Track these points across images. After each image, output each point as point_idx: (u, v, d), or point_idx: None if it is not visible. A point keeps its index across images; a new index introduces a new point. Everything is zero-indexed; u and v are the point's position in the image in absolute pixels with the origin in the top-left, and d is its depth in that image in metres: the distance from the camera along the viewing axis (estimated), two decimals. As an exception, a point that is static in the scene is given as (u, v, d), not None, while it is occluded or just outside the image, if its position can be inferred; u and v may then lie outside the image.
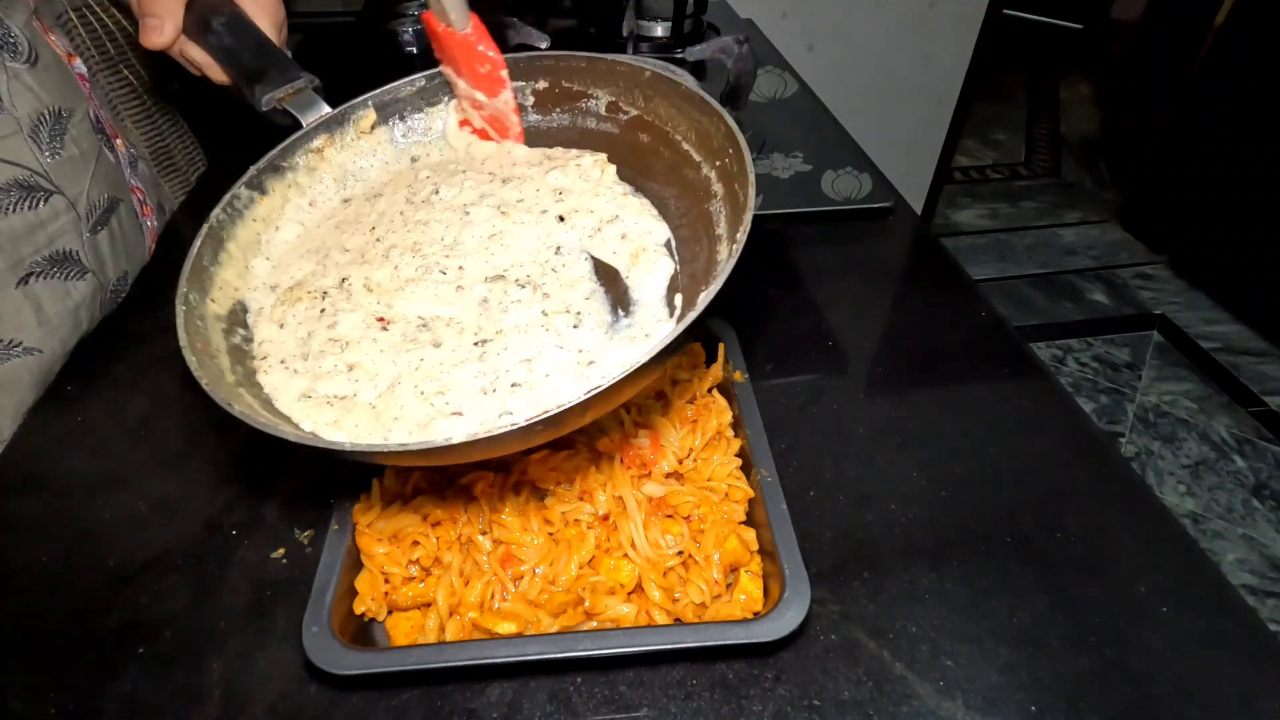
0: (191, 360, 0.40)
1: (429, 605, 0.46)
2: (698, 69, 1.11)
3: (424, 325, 0.47)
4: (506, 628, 0.44)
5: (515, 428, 0.35)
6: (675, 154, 0.55)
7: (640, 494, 0.50)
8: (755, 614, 0.45)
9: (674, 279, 0.51)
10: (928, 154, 2.12)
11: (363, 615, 0.46)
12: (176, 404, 0.63)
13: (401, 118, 0.60)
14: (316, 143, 0.56)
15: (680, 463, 0.52)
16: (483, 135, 0.60)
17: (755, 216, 0.43)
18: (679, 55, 1.05)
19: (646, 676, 0.45)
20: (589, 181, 0.56)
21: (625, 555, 0.48)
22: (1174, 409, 1.89)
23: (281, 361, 0.46)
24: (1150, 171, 2.44)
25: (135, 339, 0.69)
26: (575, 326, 0.47)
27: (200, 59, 0.54)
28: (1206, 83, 2.14)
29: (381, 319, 0.47)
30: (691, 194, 0.53)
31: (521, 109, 0.60)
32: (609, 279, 0.51)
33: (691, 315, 0.39)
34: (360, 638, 0.45)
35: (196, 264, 0.46)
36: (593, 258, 0.51)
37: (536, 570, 0.47)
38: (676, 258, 0.52)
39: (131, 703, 0.44)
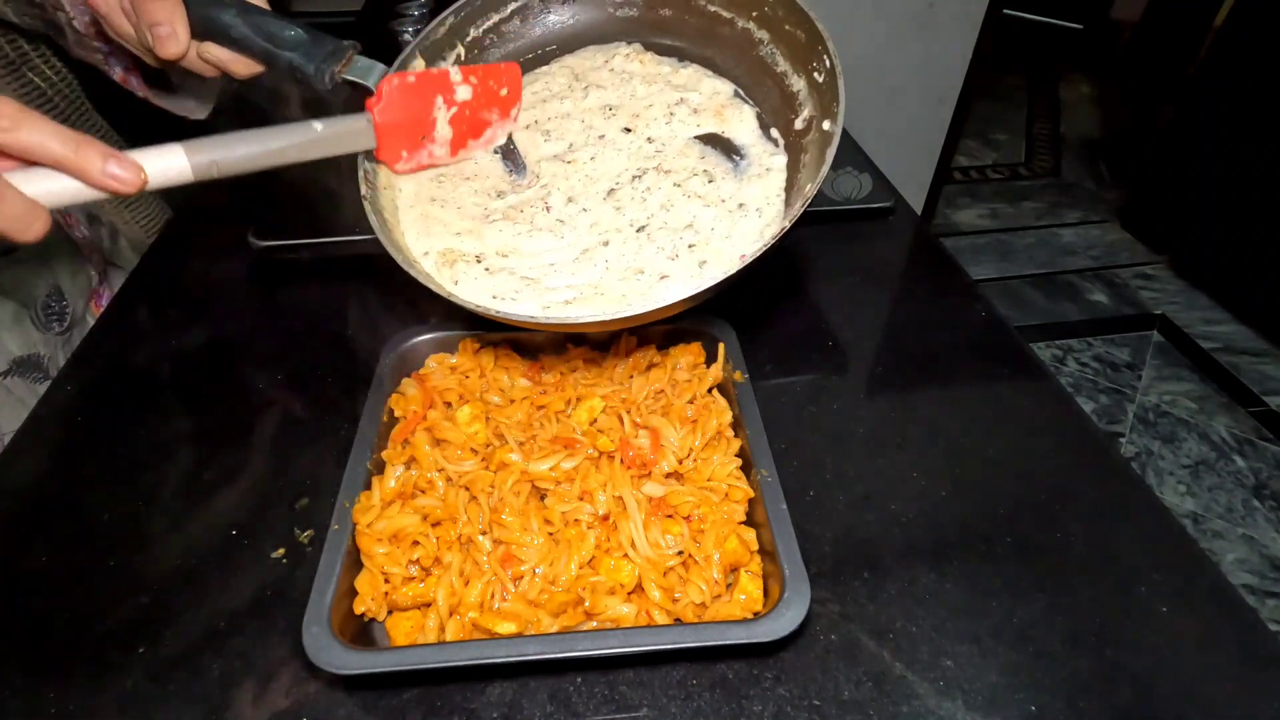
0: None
1: (429, 605, 0.46)
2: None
3: (584, 251, 0.51)
4: (506, 628, 0.44)
5: (771, 241, 0.45)
6: (702, 18, 0.58)
7: (640, 494, 0.50)
8: (755, 614, 0.45)
9: (760, 119, 0.56)
10: (928, 154, 2.12)
11: (363, 615, 0.46)
12: (176, 404, 0.63)
13: (443, 58, 0.59)
14: None
15: (680, 463, 0.52)
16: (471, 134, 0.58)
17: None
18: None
19: (646, 676, 0.45)
20: (631, 79, 0.59)
21: (625, 555, 0.48)
22: (1174, 409, 1.89)
23: (494, 297, 0.49)
24: (1150, 171, 2.44)
25: (132, 336, 0.69)
26: (710, 181, 0.53)
27: (222, 55, 0.52)
28: (1206, 83, 2.14)
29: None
30: (734, 48, 0.57)
31: (525, 16, 0.60)
32: (708, 140, 0.56)
33: (836, 133, 0.48)
34: (360, 638, 0.45)
35: (383, 233, 0.49)
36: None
37: (536, 570, 0.47)
38: (750, 101, 0.57)
39: (131, 703, 0.44)
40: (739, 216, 0.51)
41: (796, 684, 0.44)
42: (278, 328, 0.71)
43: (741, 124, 0.56)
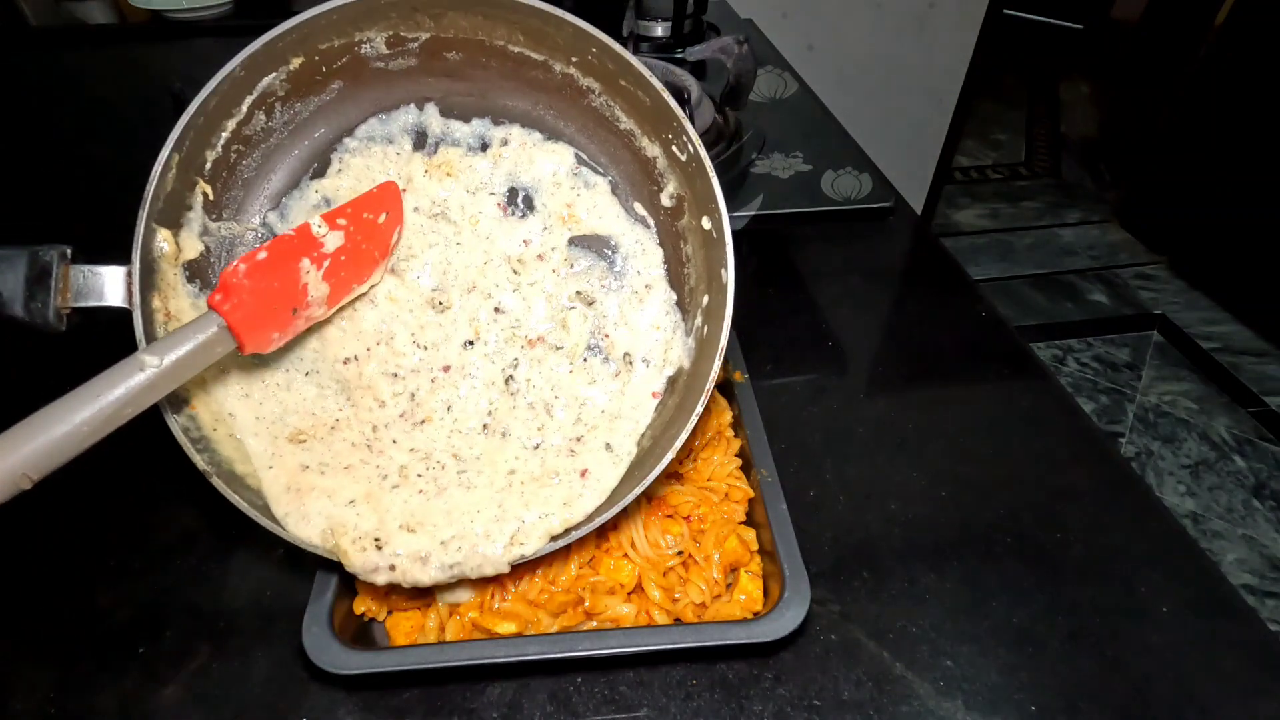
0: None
1: (429, 605, 0.46)
2: (698, 69, 1.11)
3: (499, 490, 0.44)
4: (506, 628, 0.44)
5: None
6: (504, 60, 0.46)
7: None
8: (755, 614, 0.45)
9: (615, 189, 0.47)
10: (928, 154, 2.12)
11: (363, 615, 0.46)
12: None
13: (187, 206, 0.43)
14: (158, 312, 0.41)
15: (680, 463, 0.52)
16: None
17: (754, 216, 0.43)
18: (679, 55, 1.05)
19: (646, 676, 0.45)
20: (448, 214, 0.47)
21: (625, 555, 0.48)
22: (1174, 409, 1.89)
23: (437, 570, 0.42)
24: (1150, 171, 2.44)
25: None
26: (591, 305, 0.45)
27: None
28: (1206, 83, 2.14)
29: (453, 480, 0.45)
30: (556, 95, 0.46)
31: (271, 107, 0.45)
32: (574, 240, 0.48)
33: (726, 243, 0.41)
34: (360, 638, 0.45)
35: (262, 516, 0.41)
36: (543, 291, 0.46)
37: (536, 570, 0.47)
38: (600, 167, 0.47)
39: (131, 703, 0.44)
40: (627, 379, 0.45)
41: (796, 684, 0.44)
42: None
43: (599, 214, 0.46)
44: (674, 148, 0.44)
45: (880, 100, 1.94)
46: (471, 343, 0.47)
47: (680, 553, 0.48)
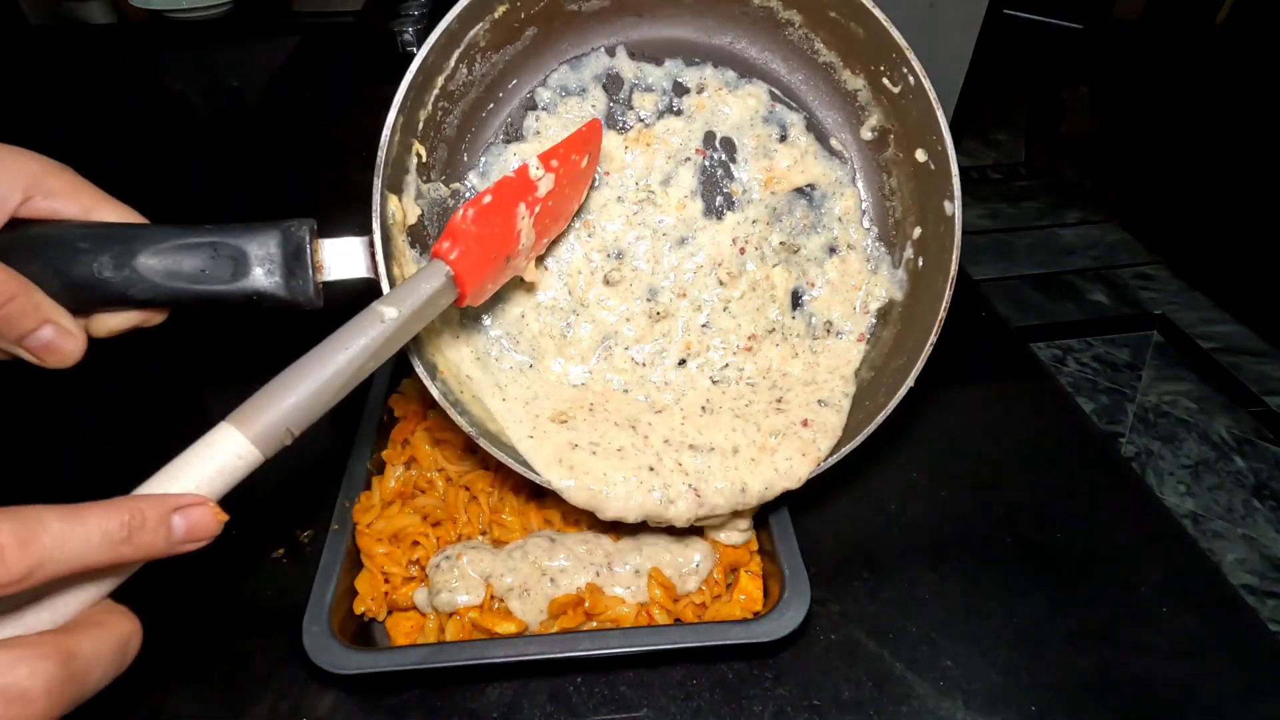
0: None
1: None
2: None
3: (732, 452, 0.46)
4: (506, 628, 0.44)
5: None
6: None
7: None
8: (755, 614, 0.45)
9: (809, 124, 0.46)
10: (928, 154, 2.12)
11: (363, 615, 0.46)
12: (175, 404, 0.63)
13: (406, 169, 0.44)
14: (396, 280, 0.40)
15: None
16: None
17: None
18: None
19: (646, 676, 0.45)
20: (653, 199, 0.47)
21: (625, 555, 0.48)
22: (1174, 409, 1.89)
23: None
24: (1150, 171, 2.44)
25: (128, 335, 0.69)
26: (795, 253, 0.46)
27: (126, 320, 0.39)
28: (1206, 83, 2.14)
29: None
30: (752, 28, 0.46)
31: (472, 59, 0.44)
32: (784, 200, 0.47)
33: (948, 170, 0.41)
34: (360, 638, 0.45)
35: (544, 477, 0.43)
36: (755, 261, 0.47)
37: (536, 570, 0.47)
38: (794, 103, 0.46)
39: (132, 703, 0.43)
40: (824, 345, 0.47)
41: (796, 684, 0.44)
42: (275, 324, 0.71)
43: (800, 168, 0.46)
44: (885, 79, 0.43)
45: (880, 100, 1.95)
46: (685, 361, 0.48)
47: (680, 553, 0.48)
